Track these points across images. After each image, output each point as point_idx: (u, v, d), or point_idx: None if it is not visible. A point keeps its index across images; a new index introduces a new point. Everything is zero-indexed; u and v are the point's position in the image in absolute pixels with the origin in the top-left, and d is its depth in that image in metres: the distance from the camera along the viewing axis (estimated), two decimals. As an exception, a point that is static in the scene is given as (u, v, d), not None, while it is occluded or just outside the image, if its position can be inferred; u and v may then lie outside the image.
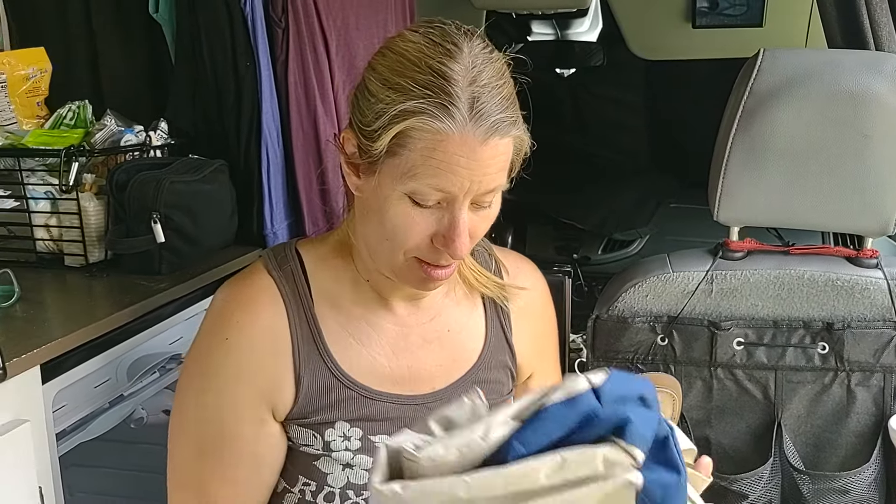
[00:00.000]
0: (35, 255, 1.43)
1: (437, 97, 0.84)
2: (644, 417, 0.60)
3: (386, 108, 0.85)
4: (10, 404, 1.05)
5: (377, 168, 0.89)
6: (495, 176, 0.88)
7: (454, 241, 0.88)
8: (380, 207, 0.90)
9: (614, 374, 0.62)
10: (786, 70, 1.23)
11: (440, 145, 0.84)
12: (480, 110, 0.84)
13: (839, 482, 1.26)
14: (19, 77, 1.57)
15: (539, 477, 0.58)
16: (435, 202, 0.88)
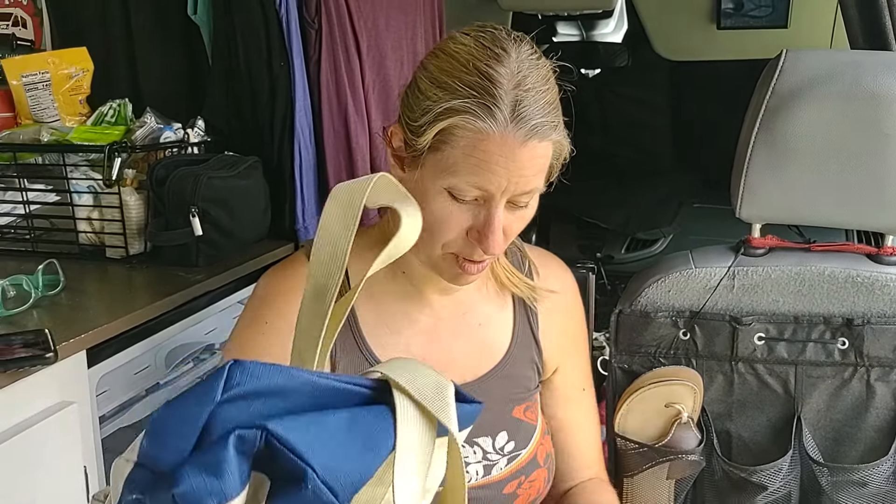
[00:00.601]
0: (78, 246, 1.49)
1: (481, 98, 0.87)
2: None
3: (432, 105, 0.89)
4: (58, 387, 1.11)
5: (420, 162, 0.92)
6: (532, 178, 0.91)
7: (488, 238, 0.91)
8: (420, 200, 0.92)
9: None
10: (808, 70, 1.25)
11: (480, 144, 0.87)
12: (522, 113, 0.87)
13: (857, 475, 1.28)
14: (63, 76, 1.63)
15: None
16: (472, 199, 0.91)
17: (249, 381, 0.49)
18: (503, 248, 0.96)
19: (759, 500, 1.32)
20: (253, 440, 0.48)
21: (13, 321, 1.16)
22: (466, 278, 0.99)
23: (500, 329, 1.10)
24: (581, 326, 1.20)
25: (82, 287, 1.36)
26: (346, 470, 0.50)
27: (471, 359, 1.08)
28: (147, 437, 0.47)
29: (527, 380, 1.11)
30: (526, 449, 1.08)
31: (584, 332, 1.20)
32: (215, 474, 0.46)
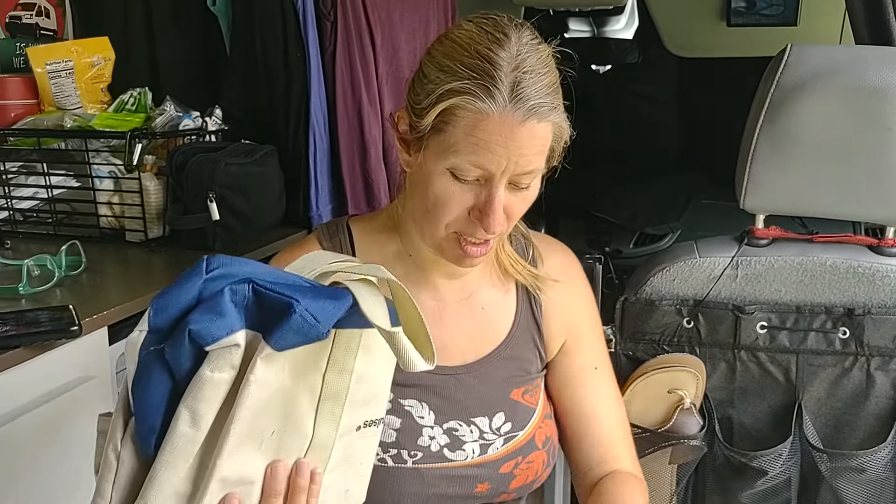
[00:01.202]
0: (98, 230, 1.53)
1: (481, 79, 0.89)
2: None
3: (434, 87, 0.92)
4: (80, 361, 1.15)
5: (423, 144, 0.95)
6: (532, 158, 0.93)
7: (489, 216, 0.93)
8: (424, 181, 0.96)
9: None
10: (812, 65, 1.28)
11: (480, 124, 0.90)
12: (520, 94, 0.90)
13: (856, 461, 1.30)
14: (85, 64, 1.68)
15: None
16: (474, 178, 0.94)
17: (224, 265, 0.64)
18: (505, 228, 0.98)
19: (760, 484, 1.35)
20: (243, 291, 0.63)
21: (38, 298, 1.20)
22: (469, 260, 1.01)
23: (503, 313, 1.12)
24: (589, 307, 1.20)
25: (103, 268, 1.40)
26: (322, 306, 0.64)
27: (473, 341, 1.10)
28: (153, 311, 0.62)
29: (527, 363, 1.13)
30: (523, 431, 1.10)
31: (592, 313, 1.20)
32: (220, 314, 0.61)
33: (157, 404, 0.65)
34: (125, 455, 0.67)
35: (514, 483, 1.09)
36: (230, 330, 0.63)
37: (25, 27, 1.85)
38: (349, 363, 0.72)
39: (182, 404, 0.64)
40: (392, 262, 1.09)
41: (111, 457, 0.67)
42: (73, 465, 1.13)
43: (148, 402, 0.64)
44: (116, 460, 0.67)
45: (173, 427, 0.64)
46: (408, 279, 1.09)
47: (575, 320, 1.18)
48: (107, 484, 0.67)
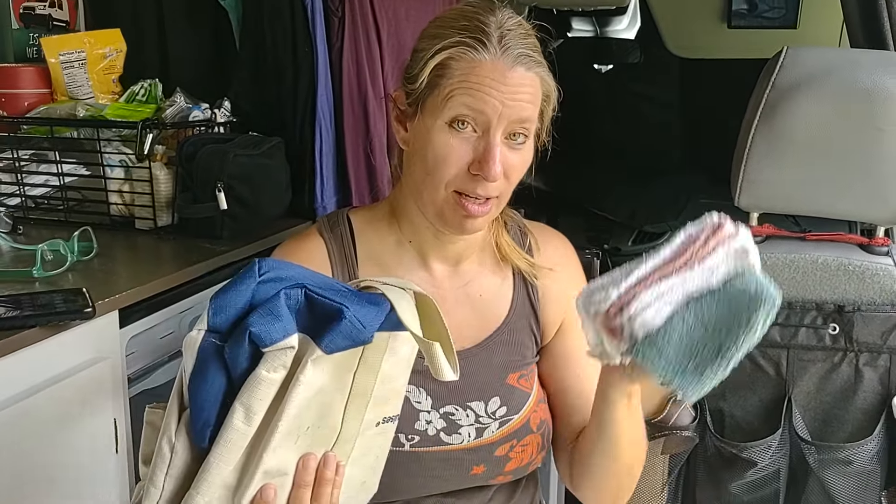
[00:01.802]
0: (109, 217, 1.57)
1: (471, 33, 0.98)
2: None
3: (426, 49, 0.99)
4: (93, 343, 1.18)
5: (420, 108, 1.00)
6: (525, 105, 0.99)
7: (488, 163, 0.97)
8: (423, 144, 1.01)
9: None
10: (807, 67, 1.31)
11: (474, 70, 0.97)
12: (507, 44, 0.98)
13: (843, 453, 1.33)
14: (97, 55, 1.71)
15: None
16: (471, 129, 0.98)
17: (275, 268, 0.70)
18: (504, 187, 1.01)
19: (749, 475, 1.38)
20: (296, 295, 0.68)
21: (51, 282, 1.24)
22: (471, 221, 1.02)
23: (500, 300, 1.15)
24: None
25: (113, 254, 1.44)
26: (367, 312, 0.70)
27: (470, 327, 1.13)
28: (212, 311, 0.67)
29: (524, 348, 1.16)
30: (518, 415, 1.12)
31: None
32: (277, 318, 0.66)
33: (213, 400, 0.69)
34: (179, 447, 0.70)
35: (509, 465, 1.12)
36: (286, 333, 0.68)
37: (39, 18, 1.88)
38: (377, 364, 0.76)
39: (237, 401, 0.68)
40: (393, 251, 1.11)
41: (165, 448, 0.70)
42: (85, 441, 1.17)
43: (205, 398, 0.68)
44: (171, 451, 0.70)
45: (228, 422, 0.68)
46: (408, 267, 1.12)
47: (569, 304, 1.21)
48: (160, 473, 0.70)
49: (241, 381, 0.69)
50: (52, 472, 1.12)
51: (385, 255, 1.12)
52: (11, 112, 1.66)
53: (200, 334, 0.69)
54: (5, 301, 1.09)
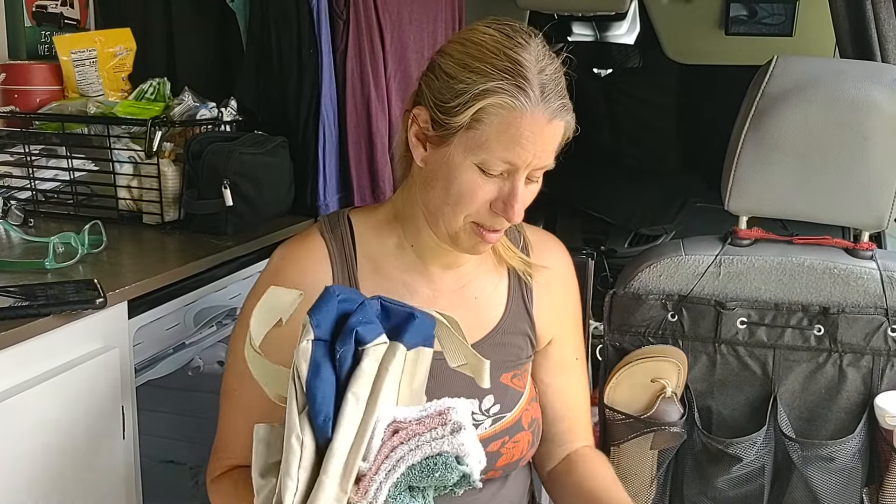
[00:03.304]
0: (117, 212, 1.60)
1: (513, 80, 0.98)
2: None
3: (467, 87, 0.99)
4: (102, 332, 1.22)
5: (450, 140, 1.01)
6: (551, 154, 1.02)
7: (512, 208, 1.02)
8: (447, 175, 1.03)
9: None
10: (796, 76, 1.35)
11: (514, 121, 0.98)
12: (548, 95, 0.99)
13: (826, 450, 1.37)
14: (108, 54, 1.75)
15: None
16: (499, 173, 1.01)
17: (342, 291, 0.86)
18: (521, 218, 1.05)
19: (735, 471, 1.42)
20: (375, 305, 0.86)
21: (63, 273, 1.27)
22: (484, 247, 1.08)
23: (495, 302, 1.19)
24: (575, 300, 1.28)
25: (121, 247, 1.47)
26: (426, 319, 0.88)
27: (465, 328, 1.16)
28: (314, 324, 0.82)
29: (517, 349, 1.19)
30: (511, 413, 1.16)
31: (578, 305, 1.28)
32: (371, 322, 0.84)
33: (329, 396, 0.81)
34: (307, 441, 0.80)
35: (500, 461, 1.16)
36: (380, 332, 0.84)
37: (51, 16, 1.92)
38: (414, 371, 0.88)
39: (349, 391, 0.81)
40: (393, 253, 1.14)
41: (294, 444, 0.80)
42: (93, 427, 1.21)
43: (324, 396, 0.80)
44: (300, 446, 0.80)
45: (343, 410, 0.80)
46: (406, 269, 1.15)
47: (563, 314, 1.25)
48: (293, 467, 0.79)
49: (346, 377, 0.82)
50: (61, 457, 1.16)
51: (384, 256, 1.15)
52: (23, 108, 1.70)
53: (310, 343, 0.82)
54: (20, 291, 1.13)
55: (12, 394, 1.07)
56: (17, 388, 1.08)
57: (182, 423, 1.87)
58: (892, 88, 1.31)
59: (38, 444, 1.12)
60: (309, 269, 1.13)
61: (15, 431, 1.08)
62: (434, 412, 0.84)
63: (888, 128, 1.32)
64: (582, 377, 1.29)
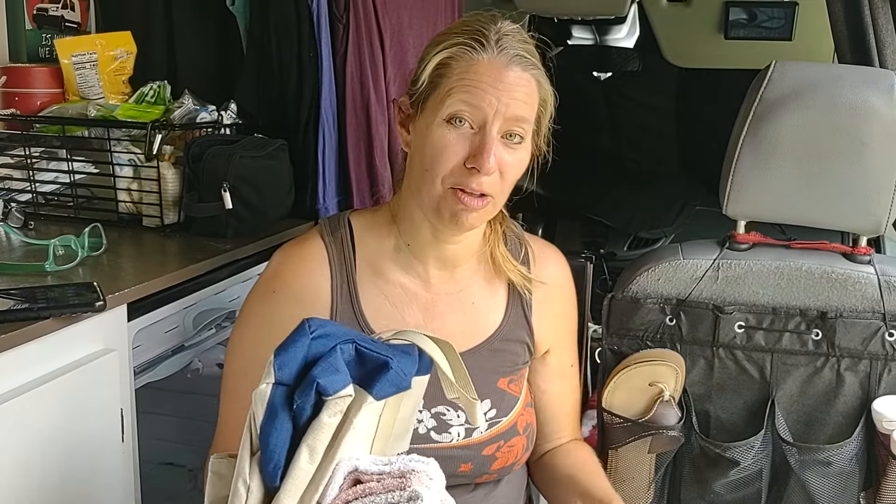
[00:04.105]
0: (117, 214, 1.61)
1: (470, 37, 1.04)
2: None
3: (429, 52, 1.06)
4: (102, 335, 1.23)
5: (421, 107, 1.06)
6: (521, 104, 1.04)
7: (482, 155, 1.01)
8: (423, 141, 1.06)
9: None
10: (794, 81, 1.35)
11: (471, 68, 1.03)
12: (504, 45, 1.04)
13: (823, 454, 1.37)
14: (108, 57, 1.76)
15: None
16: (469, 125, 1.03)
17: (321, 326, 0.80)
18: (499, 187, 1.06)
19: (733, 474, 1.42)
20: (349, 350, 0.79)
21: (62, 276, 1.28)
22: (466, 215, 1.05)
23: (493, 309, 1.19)
24: (573, 309, 1.30)
25: (121, 250, 1.48)
26: (406, 364, 0.81)
27: (463, 333, 1.17)
28: (276, 367, 0.77)
29: (514, 356, 1.20)
30: (507, 417, 1.17)
31: (575, 314, 1.31)
32: (337, 370, 0.77)
33: (282, 444, 0.78)
34: (254, 486, 0.78)
35: (495, 465, 1.16)
36: (346, 383, 0.79)
37: (52, 19, 1.93)
38: (397, 405, 0.85)
39: (303, 443, 0.77)
40: (391, 256, 1.15)
41: (241, 489, 0.78)
42: (93, 429, 1.22)
43: (276, 443, 0.77)
44: (246, 492, 0.78)
45: (296, 462, 0.77)
46: (403, 271, 1.16)
47: (561, 323, 1.27)
48: None
49: (304, 426, 0.78)
50: (60, 458, 1.16)
51: (382, 258, 1.16)
52: (24, 111, 1.71)
53: (269, 387, 0.78)
54: (20, 294, 1.13)
55: (12, 396, 1.07)
56: (17, 391, 1.09)
57: (181, 426, 1.88)
58: (890, 94, 1.32)
59: (37, 446, 1.12)
60: (307, 271, 1.13)
61: (15, 433, 1.08)
62: (396, 471, 0.78)
63: (885, 133, 1.32)
64: (575, 382, 1.32)
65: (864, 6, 1.42)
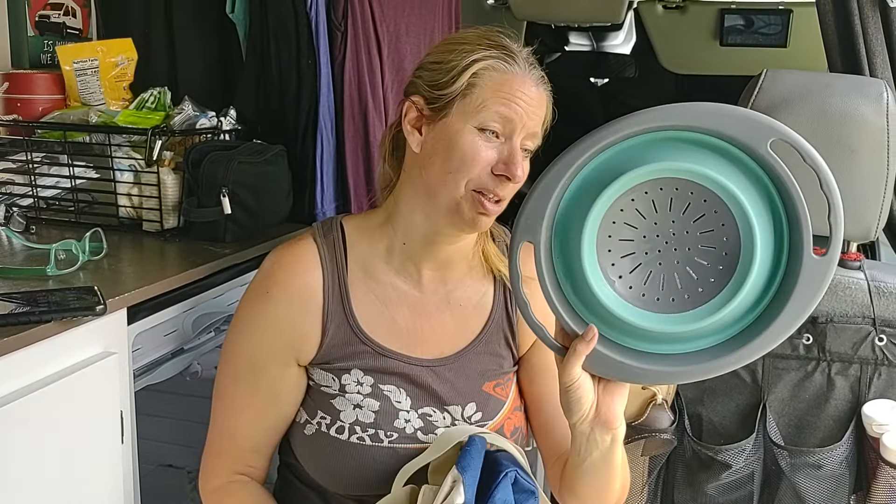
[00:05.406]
0: (117, 219, 1.62)
1: (501, 51, 1.09)
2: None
3: (458, 60, 1.09)
4: (102, 338, 1.24)
5: (449, 111, 1.09)
6: (538, 121, 1.11)
7: (514, 164, 1.07)
8: (448, 145, 1.09)
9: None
10: (784, 89, 1.38)
11: (507, 82, 1.08)
12: (532, 65, 1.11)
13: (814, 458, 1.39)
14: (109, 63, 1.78)
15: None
16: (498, 134, 1.08)
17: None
18: (522, 180, 1.10)
19: (725, 477, 1.44)
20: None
21: (64, 280, 1.29)
22: (484, 219, 1.11)
23: (479, 311, 1.22)
24: None
25: (121, 255, 1.49)
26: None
27: (450, 335, 1.19)
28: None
29: (500, 358, 1.22)
30: (492, 421, 1.19)
31: None
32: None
33: None
34: None
35: None
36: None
37: (53, 26, 1.95)
38: None
39: None
40: (383, 257, 1.18)
41: None
42: (93, 431, 1.23)
43: None
44: None
45: None
46: (395, 271, 1.18)
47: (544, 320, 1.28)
48: None
49: None
50: (61, 460, 1.18)
51: (374, 259, 1.18)
52: (26, 116, 1.73)
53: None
54: (21, 297, 1.15)
55: (13, 399, 1.09)
56: (17, 393, 1.10)
57: (180, 428, 1.89)
58: (879, 102, 1.34)
59: (37, 448, 1.13)
60: (300, 272, 1.16)
61: (16, 436, 1.10)
62: None
63: (875, 141, 1.34)
64: None
65: (853, 15, 1.44)
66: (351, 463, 1.14)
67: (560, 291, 0.98)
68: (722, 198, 0.92)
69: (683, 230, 0.95)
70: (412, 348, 1.18)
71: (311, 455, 1.18)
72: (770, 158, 0.91)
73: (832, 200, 0.90)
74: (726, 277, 0.93)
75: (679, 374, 0.98)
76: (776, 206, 0.93)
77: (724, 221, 0.93)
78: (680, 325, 0.94)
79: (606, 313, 0.96)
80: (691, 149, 0.93)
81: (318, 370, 1.17)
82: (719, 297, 0.93)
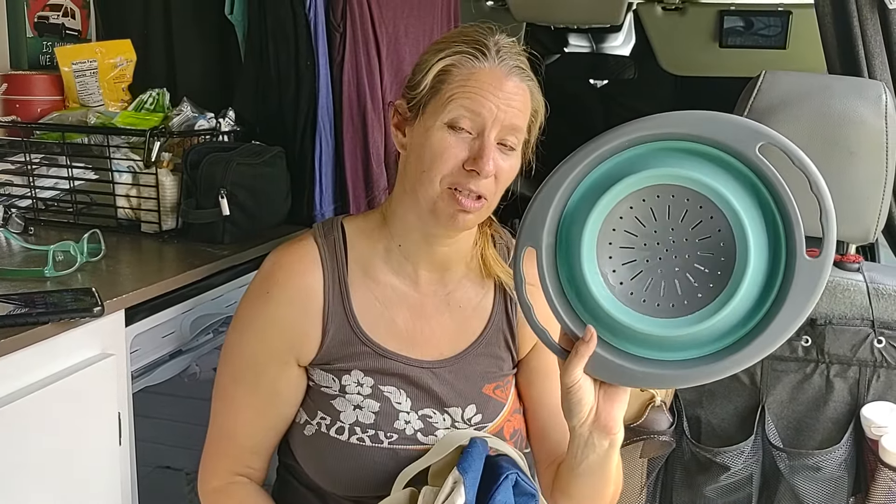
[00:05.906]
0: (116, 220, 1.62)
1: (470, 46, 1.08)
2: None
3: (429, 59, 1.09)
4: (100, 339, 1.24)
5: (421, 111, 1.09)
6: (517, 113, 1.08)
7: (483, 159, 1.06)
8: (421, 143, 1.09)
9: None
10: (783, 91, 1.38)
11: (473, 76, 1.07)
12: (504, 56, 1.08)
13: (812, 460, 1.39)
14: (108, 65, 1.78)
15: None
16: (468, 129, 1.07)
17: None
18: (493, 188, 1.09)
19: (723, 479, 1.44)
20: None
21: (62, 281, 1.29)
22: (463, 216, 1.10)
23: (479, 313, 1.22)
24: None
25: (119, 256, 1.49)
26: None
27: (449, 337, 1.20)
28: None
29: (500, 360, 1.22)
30: (492, 423, 1.19)
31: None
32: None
33: None
34: None
35: None
36: None
37: (52, 27, 1.95)
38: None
39: None
40: (382, 257, 1.18)
41: None
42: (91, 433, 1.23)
43: None
44: None
45: None
46: (394, 272, 1.19)
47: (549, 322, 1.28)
48: None
49: None
50: (59, 462, 1.17)
51: (374, 260, 1.19)
52: (25, 118, 1.73)
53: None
54: (19, 299, 1.15)
55: (11, 400, 1.09)
56: (15, 395, 1.10)
57: (178, 430, 1.89)
58: (878, 104, 1.34)
59: (35, 449, 1.13)
60: (300, 272, 1.16)
61: (13, 437, 1.10)
62: None
63: (873, 142, 1.34)
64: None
65: (852, 17, 1.44)
66: (350, 464, 1.14)
67: (563, 296, 0.99)
68: (716, 203, 0.93)
69: (682, 237, 0.96)
70: (412, 349, 1.18)
71: (311, 456, 1.18)
72: (759, 162, 0.91)
73: (823, 202, 0.91)
74: (723, 282, 0.94)
75: (679, 377, 0.99)
76: (770, 210, 0.93)
77: (720, 227, 0.94)
78: (679, 329, 0.95)
79: (608, 318, 0.97)
80: (685, 157, 0.94)
81: (319, 371, 1.17)
82: (716, 301, 0.94)
